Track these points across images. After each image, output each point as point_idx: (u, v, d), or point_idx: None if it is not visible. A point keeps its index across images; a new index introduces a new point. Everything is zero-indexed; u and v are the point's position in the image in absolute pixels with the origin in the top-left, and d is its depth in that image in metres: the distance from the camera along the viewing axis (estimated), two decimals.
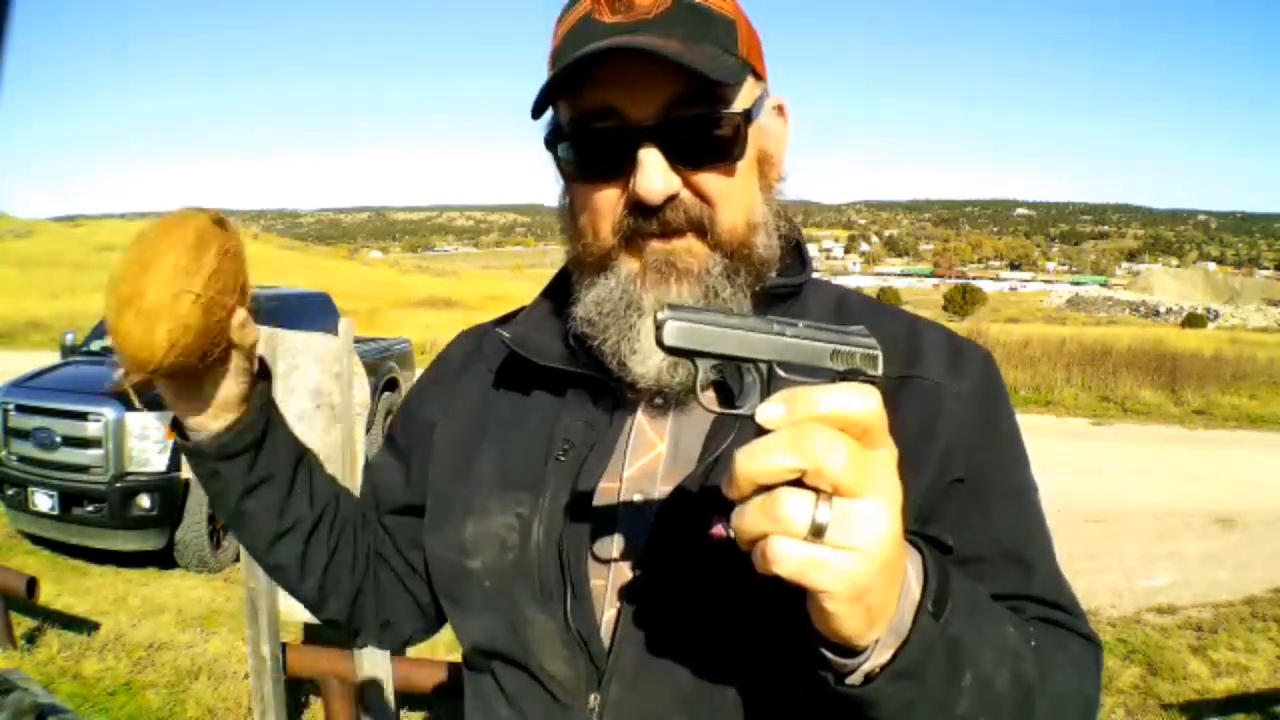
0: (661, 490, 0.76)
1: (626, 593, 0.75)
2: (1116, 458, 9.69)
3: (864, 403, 0.51)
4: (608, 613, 0.75)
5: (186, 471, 2.72)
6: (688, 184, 0.73)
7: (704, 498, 0.72)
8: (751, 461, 0.51)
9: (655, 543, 0.74)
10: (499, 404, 0.88)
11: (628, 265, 0.76)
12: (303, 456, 0.90)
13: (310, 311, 7.12)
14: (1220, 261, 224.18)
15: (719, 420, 0.76)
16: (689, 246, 0.74)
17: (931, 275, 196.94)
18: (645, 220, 0.73)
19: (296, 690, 3.26)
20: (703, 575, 0.71)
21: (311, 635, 3.62)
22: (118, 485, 5.13)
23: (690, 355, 0.55)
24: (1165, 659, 4.35)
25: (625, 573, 0.75)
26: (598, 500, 0.77)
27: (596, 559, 0.76)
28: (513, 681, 0.80)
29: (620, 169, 0.73)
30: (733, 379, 0.58)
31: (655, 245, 0.74)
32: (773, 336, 0.55)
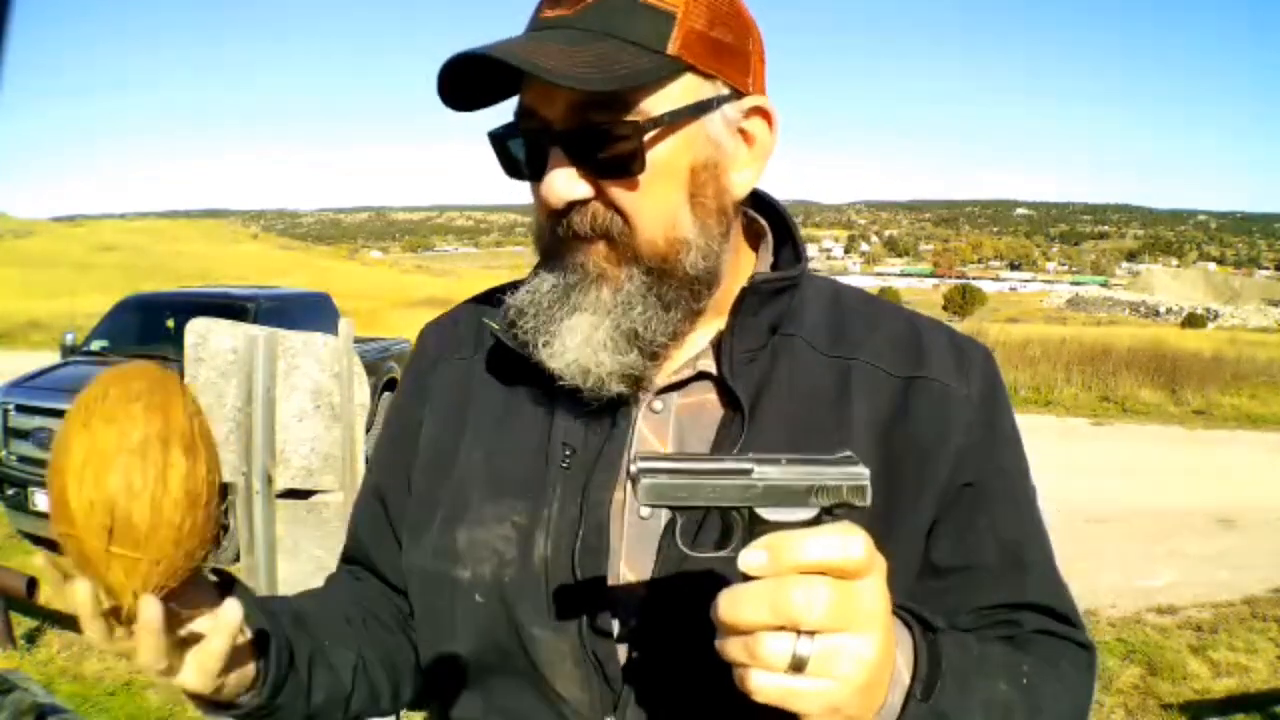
0: None
1: (641, 612, 0.72)
2: (1117, 458, 9.68)
3: (848, 549, 0.52)
4: (621, 632, 0.72)
5: None
6: (601, 192, 0.70)
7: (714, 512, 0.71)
8: (732, 611, 0.53)
9: (666, 560, 0.71)
10: (482, 399, 0.83)
11: (555, 263, 0.74)
12: (298, 655, 0.75)
13: (310, 311, 7.10)
14: (1220, 261, 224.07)
15: (725, 424, 0.74)
16: (604, 254, 0.71)
17: (931, 275, 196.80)
18: (557, 223, 0.72)
19: None
20: (718, 594, 0.69)
21: None
22: None
23: (669, 509, 0.56)
24: (1165, 659, 4.35)
25: (636, 590, 0.72)
26: (608, 514, 0.74)
27: (607, 576, 0.73)
28: (513, 701, 0.76)
29: (539, 171, 0.71)
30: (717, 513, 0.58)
31: (571, 249, 0.72)
32: (751, 482, 0.55)
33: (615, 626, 0.72)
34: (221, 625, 0.62)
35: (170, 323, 6.40)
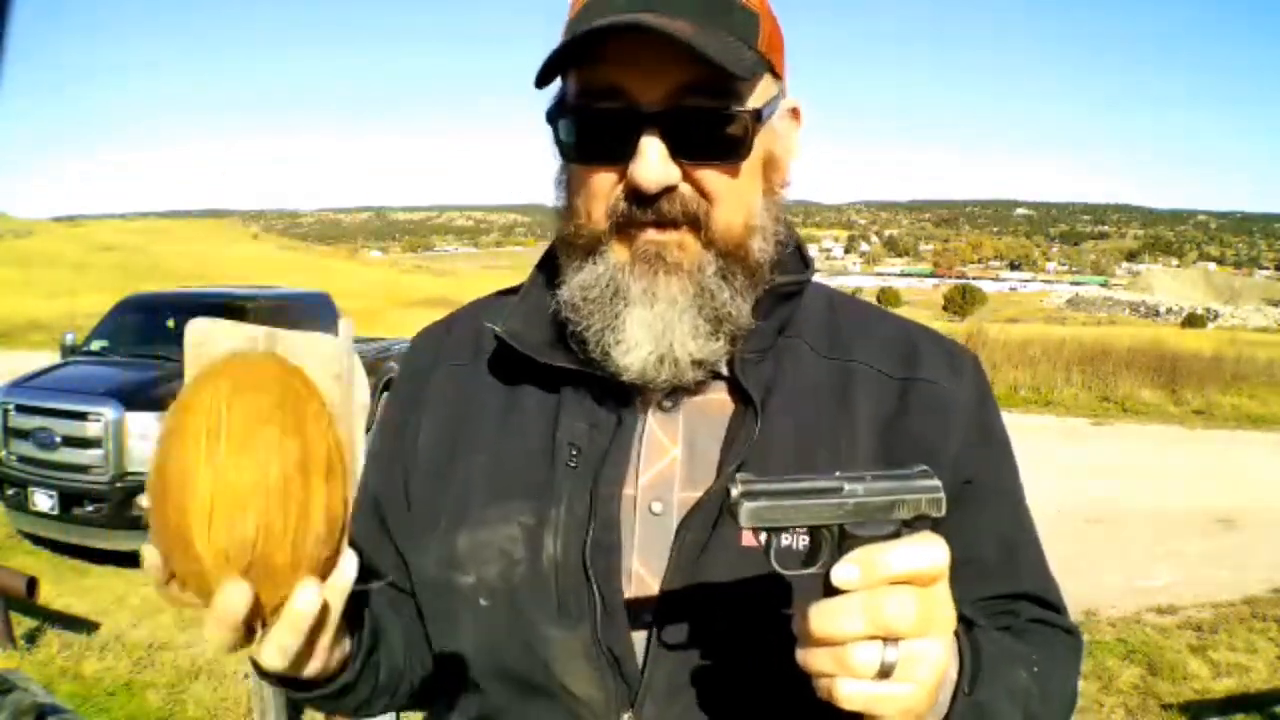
0: (681, 497, 0.74)
1: (656, 607, 0.72)
2: (1116, 458, 9.68)
3: (934, 557, 0.55)
4: (636, 628, 0.72)
5: None
6: (688, 177, 0.69)
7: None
8: (829, 624, 0.55)
9: (682, 554, 0.71)
10: (484, 403, 0.82)
11: (617, 252, 0.72)
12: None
13: (310, 311, 7.11)
14: (1220, 261, 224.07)
15: (736, 421, 0.75)
16: (681, 241, 0.71)
17: (931, 275, 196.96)
18: (640, 209, 0.70)
19: None
20: (735, 587, 0.70)
21: None
22: (118, 485, 5.13)
23: (766, 531, 0.58)
24: (1165, 659, 4.35)
25: (649, 585, 0.72)
26: (618, 510, 0.74)
27: (621, 572, 0.73)
28: (522, 704, 0.76)
29: (620, 153, 0.69)
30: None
31: (647, 235, 0.71)
32: (842, 500, 0.57)
33: (631, 623, 0.73)
34: (337, 590, 0.59)
35: (170, 323, 6.41)
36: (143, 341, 6.39)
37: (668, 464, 0.75)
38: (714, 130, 0.69)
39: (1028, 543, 0.82)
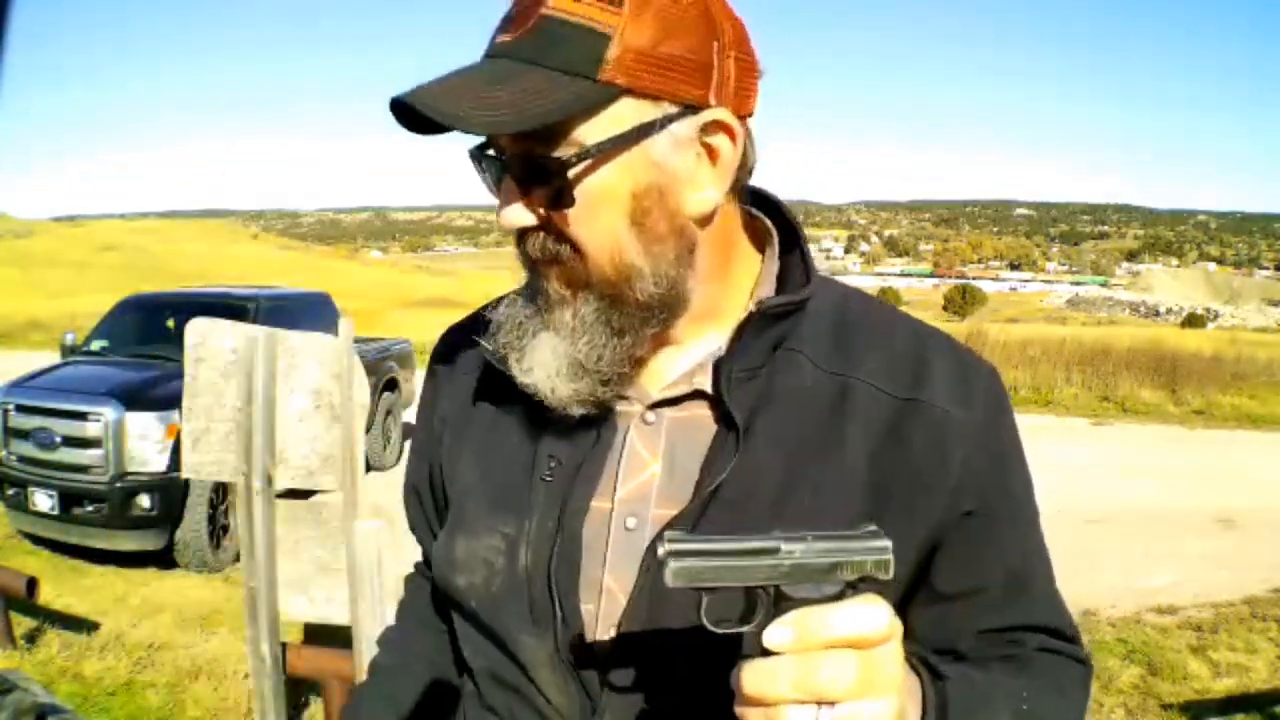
0: (656, 514, 0.74)
1: (621, 622, 0.72)
2: (1116, 458, 9.68)
3: (873, 622, 0.54)
4: (600, 641, 0.73)
5: (186, 471, 2.72)
6: (549, 220, 0.69)
7: (702, 530, 0.69)
8: (760, 686, 0.54)
9: (649, 571, 0.71)
10: (479, 413, 0.84)
11: (531, 283, 0.74)
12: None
13: (310, 311, 7.11)
14: (1220, 261, 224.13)
15: (718, 440, 0.73)
16: (559, 279, 0.71)
17: (931, 275, 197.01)
18: (518, 246, 0.72)
19: (296, 690, 3.25)
20: (698, 608, 0.70)
21: (311, 635, 3.63)
22: (118, 485, 5.13)
23: (695, 590, 0.57)
24: (1165, 659, 4.35)
25: (618, 599, 0.73)
26: (588, 523, 0.75)
27: (588, 584, 0.74)
28: (507, 704, 0.79)
29: (498, 196, 0.72)
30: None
31: (535, 271, 0.73)
32: (777, 561, 0.55)
33: (596, 635, 0.73)
34: None
35: (170, 323, 6.41)
36: (143, 341, 6.40)
37: (646, 479, 0.75)
38: (540, 174, 0.67)
39: (1038, 574, 0.78)
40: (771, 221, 0.81)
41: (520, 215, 0.69)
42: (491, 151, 0.71)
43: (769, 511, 0.70)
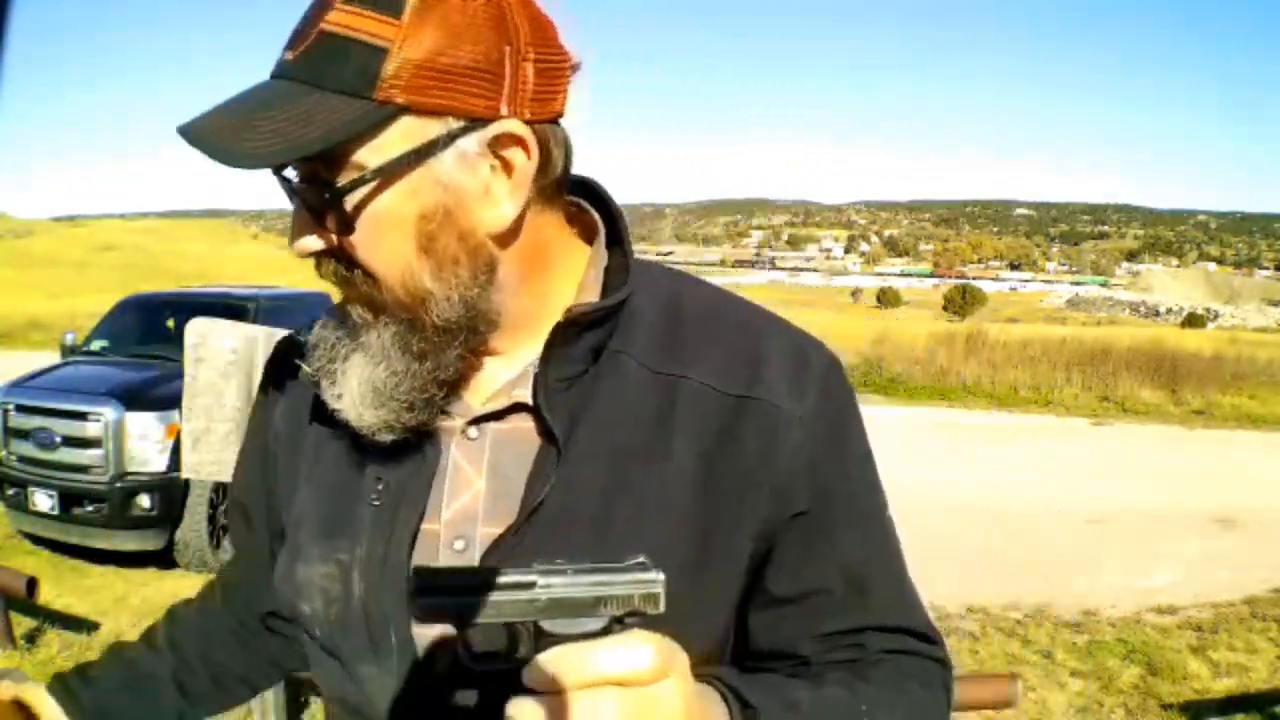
0: (484, 533, 0.70)
1: (456, 648, 0.69)
2: (1116, 458, 9.69)
3: (635, 661, 0.51)
4: (439, 672, 0.70)
5: (186, 471, 2.72)
6: (338, 245, 0.66)
7: (529, 548, 0.66)
8: None
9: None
10: (312, 433, 0.79)
11: (341, 305, 0.72)
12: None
13: (310, 311, 7.05)
14: (1220, 261, 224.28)
15: (541, 454, 0.70)
16: (358, 303, 0.68)
17: (931, 275, 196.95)
18: (316, 270, 0.70)
19: (296, 690, 3.25)
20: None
21: None
22: (118, 485, 5.13)
23: (450, 624, 0.55)
24: (1165, 659, 4.35)
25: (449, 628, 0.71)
26: (419, 548, 0.71)
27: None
28: None
29: None
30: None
31: (340, 294, 0.70)
32: (534, 596, 0.53)
33: (433, 661, 0.70)
34: None
35: (170, 323, 6.41)
36: (143, 341, 6.39)
37: (471, 498, 0.72)
38: (324, 200, 0.64)
39: (882, 572, 0.75)
40: (598, 213, 0.77)
41: (310, 242, 0.67)
42: (289, 173, 0.66)
43: (591, 527, 0.67)
